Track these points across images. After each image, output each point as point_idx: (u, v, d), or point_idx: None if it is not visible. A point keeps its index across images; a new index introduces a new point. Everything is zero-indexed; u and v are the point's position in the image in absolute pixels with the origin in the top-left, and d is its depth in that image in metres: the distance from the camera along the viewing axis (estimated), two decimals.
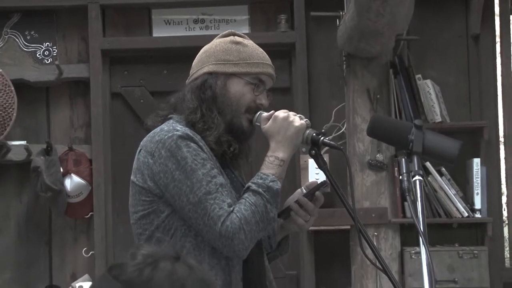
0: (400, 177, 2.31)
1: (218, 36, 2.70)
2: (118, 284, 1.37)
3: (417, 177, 2.23)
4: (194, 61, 2.67)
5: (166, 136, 2.46)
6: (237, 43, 2.62)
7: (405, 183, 2.24)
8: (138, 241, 2.53)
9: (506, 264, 4.82)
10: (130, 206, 2.54)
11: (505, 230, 4.95)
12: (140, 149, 2.52)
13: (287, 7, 4.84)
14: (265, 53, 2.65)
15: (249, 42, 2.65)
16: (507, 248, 4.98)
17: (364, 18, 3.91)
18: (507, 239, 4.95)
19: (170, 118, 2.58)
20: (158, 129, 2.52)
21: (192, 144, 2.45)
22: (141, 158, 2.50)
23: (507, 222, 5.02)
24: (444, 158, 2.34)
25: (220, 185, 2.44)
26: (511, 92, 4.85)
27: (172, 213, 2.46)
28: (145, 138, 2.53)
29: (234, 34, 2.67)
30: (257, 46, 2.66)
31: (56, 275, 4.80)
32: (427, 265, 2.14)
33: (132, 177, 2.53)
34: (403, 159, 2.28)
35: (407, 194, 2.24)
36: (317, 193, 2.61)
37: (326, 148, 2.58)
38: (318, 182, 2.64)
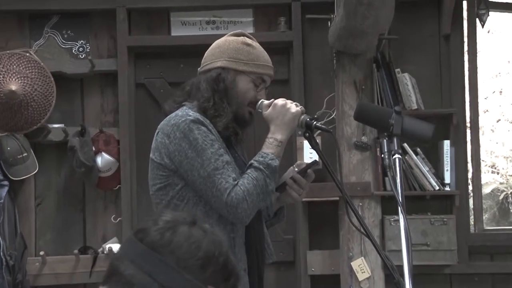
0: (382, 155, 2.26)
1: (230, 34, 2.67)
2: (143, 246, 1.35)
3: (396, 156, 2.21)
4: (208, 52, 2.64)
5: (180, 120, 2.44)
6: (248, 44, 2.60)
7: (386, 161, 2.21)
8: (156, 209, 2.51)
9: (470, 230, 4.81)
10: (149, 179, 2.53)
11: (470, 201, 4.94)
12: (158, 131, 2.51)
13: (286, 11, 4.80)
14: (268, 56, 2.64)
15: (257, 44, 2.64)
16: (472, 217, 4.94)
17: (351, 20, 3.89)
18: (472, 209, 4.92)
19: (184, 105, 2.56)
20: (173, 114, 2.50)
21: (202, 127, 2.44)
22: (159, 139, 2.48)
23: (471, 194, 5.01)
24: (419, 139, 2.32)
25: (226, 162, 2.43)
26: (476, 84, 4.83)
27: (185, 186, 2.45)
28: (162, 122, 2.52)
29: (244, 35, 2.65)
30: (262, 49, 2.64)
31: (89, 238, 4.79)
32: (404, 230, 2.11)
33: (151, 155, 2.51)
34: (385, 140, 2.25)
35: (388, 170, 2.21)
36: (309, 170, 2.62)
37: (319, 131, 2.55)
38: (309, 162, 2.64)
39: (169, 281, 1.31)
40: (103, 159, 4.67)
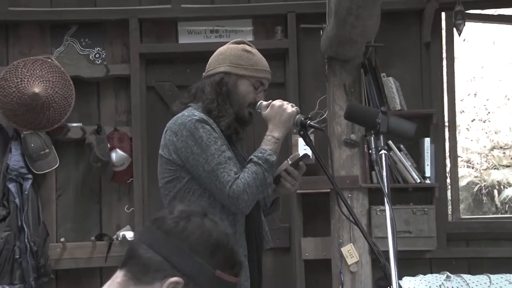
0: (369, 151, 2.25)
1: (231, 42, 2.66)
2: (160, 232, 1.36)
3: (382, 152, 2.19)
4: (211, 59, 2.63)
5: (186, 120, 2.43)
6: (248, 51, 2.59)
7: (374, 156, 2.20)
8: (165, 200, 2.51)
9: (448, 219, 4.80)
10: (159, 173, 2.52)
11: (448, 192, 4.93)
12: (166, 130, 2.49)
13: (282, 21, 4.78)
14: (266, 62, 2.63)
15: (256, 51, 2.63)
16: (449, 207, 4.94)
17: (341, 30, 3.87)
18: (449, 200, 4.91)
19: (189, 106, 2.55)
20: (180, 114, 2.49)
21: (206, 126, 2.43)
22: (167, 136, 2.47)
23: (449, 187, 5.00)
24: (403, 137, 2.30)
25: (229, 157, 2.42)
26: (454, 87, 4.82)
27: (191, 179, 2.44)
28: (170, 121, 2.50)
29: (244, 43, 2.64)
30: (261, 55, 2.64)
31: (104, 226, 4.78)
32: (390, 219, 2.10)
33: (160, 151, 2.50)
34: (372, 138, 2.23)
35: (375, 165, 2.20)
36: (301, 163, 2.61)
37: (312, 129, 2.54)
38: (300, 155, 2.63)
39: (182, 264, 1.33)
40: (117, 155, 4.65)
